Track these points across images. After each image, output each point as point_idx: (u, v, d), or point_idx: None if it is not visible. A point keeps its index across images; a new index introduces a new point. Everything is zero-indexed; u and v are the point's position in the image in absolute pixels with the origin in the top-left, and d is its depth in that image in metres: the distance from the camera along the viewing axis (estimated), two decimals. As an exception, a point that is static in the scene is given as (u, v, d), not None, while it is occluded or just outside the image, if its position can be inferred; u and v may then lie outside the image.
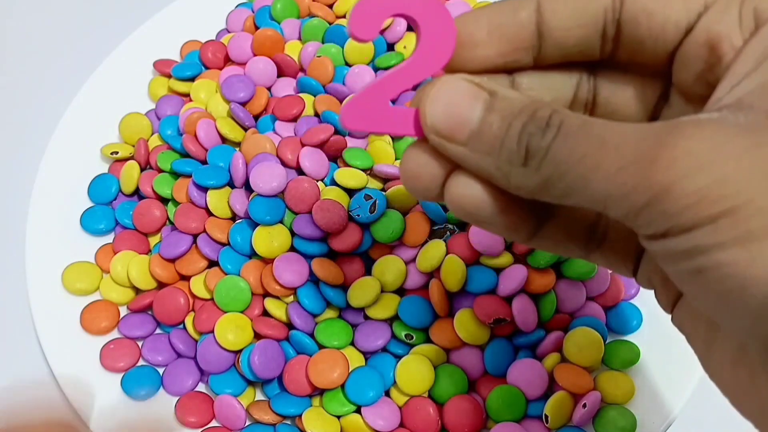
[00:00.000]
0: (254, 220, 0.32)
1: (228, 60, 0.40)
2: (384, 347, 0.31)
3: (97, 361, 0.32)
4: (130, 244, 0.34)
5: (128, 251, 0.34)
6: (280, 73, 0.38)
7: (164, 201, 0.35)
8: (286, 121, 0.36)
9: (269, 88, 0.38)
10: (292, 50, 0.39)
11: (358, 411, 0.30)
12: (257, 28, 0.40)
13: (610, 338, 0.31)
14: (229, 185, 0.34)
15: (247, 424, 0.30)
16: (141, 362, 0.32)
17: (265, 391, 0.32)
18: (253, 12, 0.41)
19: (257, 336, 0.31)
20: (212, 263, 0.33)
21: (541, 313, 0.31)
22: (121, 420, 0.30)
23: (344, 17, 0.40)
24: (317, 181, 0.33)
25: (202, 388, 0.32)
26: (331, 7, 0.41)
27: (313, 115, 0.36)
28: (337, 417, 0.30)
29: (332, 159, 0.35)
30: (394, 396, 0.30)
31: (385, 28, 0.39)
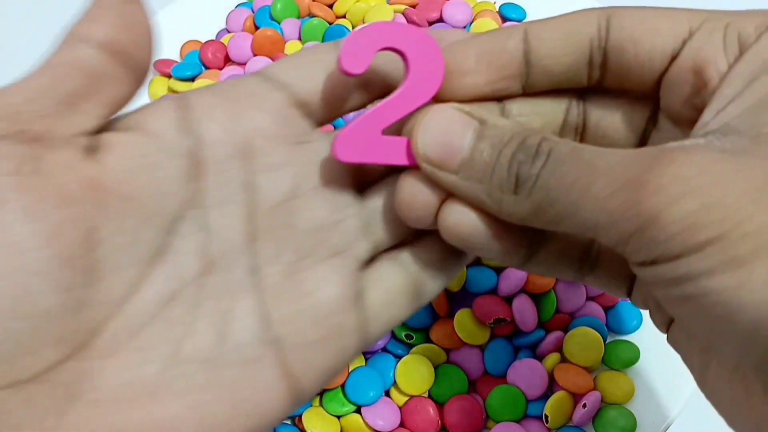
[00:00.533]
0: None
1: (228, 60, 0.39)
2: (384, 347, 0.31)
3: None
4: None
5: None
6: (280, 73, 0.38)
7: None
8: (286, 121, 0.36)
9: (269, 88, 0.38)
10: (292, 50, 0.39)
11: (358, 411, 0.30)
12: (257, 28, 0.40)
13: (610, 338, 0.31)
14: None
15: (247, 424, 0.30)
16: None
17: (265, 391, 0.32)
18: (253, 12, 0.41)
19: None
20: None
21: (541, 313, 0.30)
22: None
23: (344, 17, 0.40)
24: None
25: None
26: (331, 7, 0.41)
27: (313, 115, 0.36)
28: (337, 417, 0.30)
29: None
30: (394, 396, 0.30)
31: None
